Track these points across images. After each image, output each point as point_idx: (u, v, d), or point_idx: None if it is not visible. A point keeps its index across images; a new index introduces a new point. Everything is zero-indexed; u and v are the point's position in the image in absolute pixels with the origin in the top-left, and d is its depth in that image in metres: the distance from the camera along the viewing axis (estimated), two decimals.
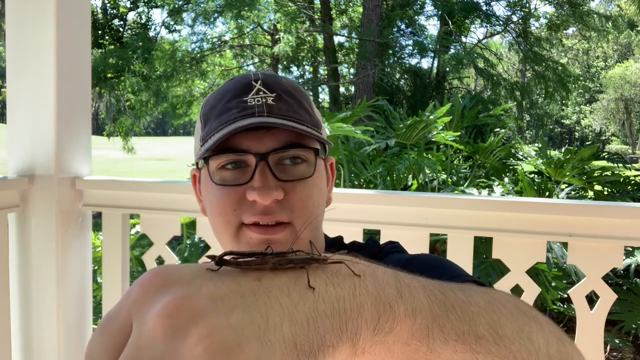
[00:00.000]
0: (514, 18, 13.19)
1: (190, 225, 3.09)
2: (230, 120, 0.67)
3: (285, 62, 12.69)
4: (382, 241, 0.94)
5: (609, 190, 3.82)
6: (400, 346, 0.40)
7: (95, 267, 2.70)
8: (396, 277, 0.42)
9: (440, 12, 12.43)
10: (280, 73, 13.59)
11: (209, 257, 0.38)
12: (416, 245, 1.36)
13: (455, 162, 4.49)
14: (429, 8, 13.32)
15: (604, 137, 32.50)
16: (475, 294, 0.48)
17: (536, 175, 4.15)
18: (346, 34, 14.32)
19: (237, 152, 0.67)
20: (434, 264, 0.71)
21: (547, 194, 3.32)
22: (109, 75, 11.93)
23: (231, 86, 0.71)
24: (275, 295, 0.34)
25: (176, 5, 12.79)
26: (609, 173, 3.67)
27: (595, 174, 3.64)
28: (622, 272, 3.60)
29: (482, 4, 12.36)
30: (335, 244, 0.80)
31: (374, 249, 0.78)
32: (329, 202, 0.78)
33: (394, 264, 0.71)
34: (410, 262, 0.71)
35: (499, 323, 0.46)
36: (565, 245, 2.82)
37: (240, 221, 0.68)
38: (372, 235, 0.86)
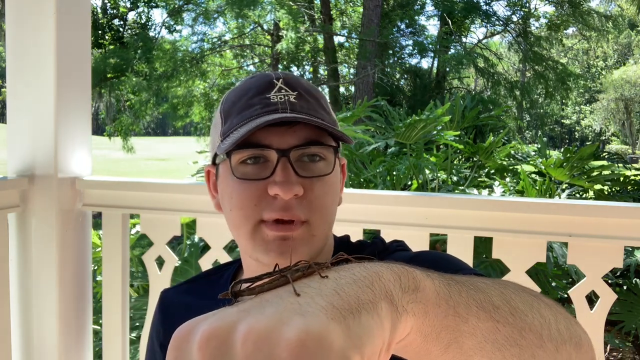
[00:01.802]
0: (514, 18, 13.19)
1: (191, 225, 3.09)
2: (254, 116, 0.68)
3: (285, 62, 12.69)
4: None
5: (610, 189, 3.82)
6: (432, 307, 0.40)
7: (95, 267, 2.70)
8: (401, 263, 0.43)
9: (440, 12, 12.44)
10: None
11: (222, 295, 0.40)
12: (416, 245, 1.35)
13: (455, 162, 4.49)
14: (429, 8, 13.32)
15: (604, 137, 32.49)
16: (479, 277, 0.50)
17: (537, 176, 4.15)
18: (346, 34, 14.32)
19: (260, 147, 0.68)
20: (439, 258, 0.73)
21: (549, 193, 3.32)
22: (109, 75, 11.93)
23: (253, 84, 0.72)
24: (298, 290, 0.35)
25: (176, 5, 12.79)
26: (607, 172, 3.67)
27: (595, 173, 3.64)
28: (622, 272, 3.60)
29: (482, 3, 12.36)
30: (342, 242, 0.81)
31: (380, 246, 0.79)
32: (339, 202, 0.79)
33: (399, 261, 0.73)
34: (414, 259, 0.72)
35: (510, 297, 0.47)
36: (565, 245, 2.82)
37: (260, 217, 0.68)
38: (377, 234, 0.87)
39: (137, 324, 2.53)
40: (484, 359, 0.44)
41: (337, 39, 13.44)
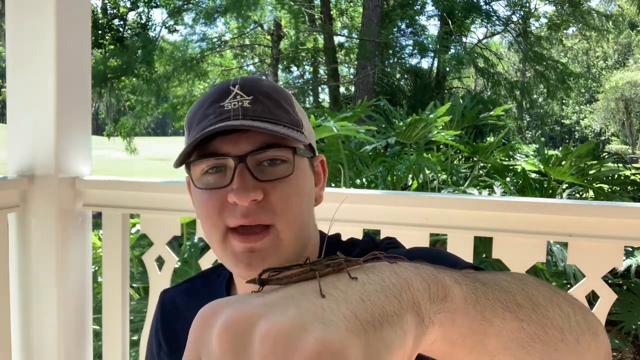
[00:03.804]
0: (514, 18, 13.19)
1: (191, 225, 3.09)
2: (207, 126, 0.68)
3: (285, 62, 12.69)
4: None
5: (610, 188, 3.81)
6: (460, 315, 0.40)
7: (96, 268, 2.69)
8: (431, 266, 0.43)
9: (440, 12, 12.44)
10: (280, 73, 13.58)
11: (249, 281, 0.40)
12: (416, 245, 1.35)
13: (455, 162, 4.49)
14: (430, 8, 13.32)
15: (604, 137, 32.50)
16: (498, 273, 0.50)
17: (538, 175, 4.15)
18: (346, 34, 14.32)
19: (217, 157, 0.68)
20: (433, 254, 0.73)
21: (549, 192, 3.32)
22: (109, 75, 11.93)
23: (211, 93, 0.73)
24: (323, 291, 0.35)
25: (176, 6, 12.79)
26: (605, 169, 3.67)
27: (593, 171, 3.64)
28: (622, 272, 3.60)
29: (482, 3, 12.36)
30: (331, 241, 0.80)
31: (370, 244, 0.79)
32: (319, 200, 0.79)
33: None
34: (408, 254, 0.72)
35: (531, 293, 0.47)
36: (565, 244, 2.82)
37: (226, 225, 0.69)
38: (368, 232, 0.87)
39: (138, 326, 2.52)
40: (509, 357, 0.44)
41: (337, 39, 13.44)
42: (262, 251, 0.68)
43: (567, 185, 3.70)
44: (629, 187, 3.82)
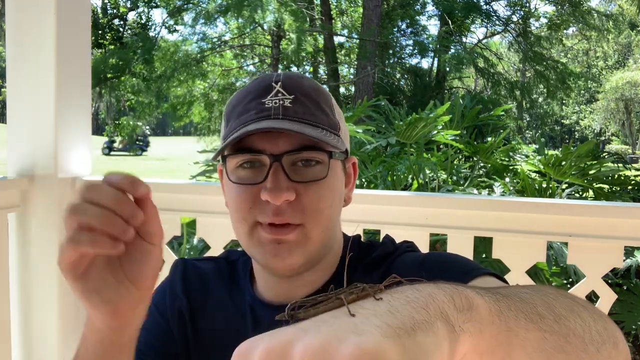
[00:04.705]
0: (514, 18, 13.20)
1: (191, 225, 3.08)
2: (248, 122, 0.69)
3: (285, 62, 12.69)
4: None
5: (610, 188, 3.81)
6: (487, 325, 0.41)
7: None
8: (451, 283, 0.44)
9: (440, 12, 12.44)
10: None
11: (278, 317, 0.41)
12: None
13: (455, 162, 4.48)
14: (430, 8, 13.32)
15: (604, 137, 32.49)
16: (518, 286, 0.51)
17: (538, 175, 4.15)
18: (346, 34, 14.32)
19: (253, 153, 0.69)
20: (449, 259, 0.74)
21: (549, 192, 3.32)
22: (109, 75, 11.93)
23: (253, 87, 0.73)
24: (352, 311, 0.36)
25: (176, 6, 12.79)
26: (605, 169, 3.67)
27: (593, 170, 3.64)
28: (622, 272, 3.60)
29: (482, 3, 12.36)
30: (353, 243, 0.81)
31: (390, 247, 0.79)
32: (347, 201, 0.80)
33: (409, 262, 0.74)
34: (426, 260, 0.74)
35: (552, 304, 0.48)
36: (565, 244, 2.82)
37: (255, 219, 0.70)
38: (387, 234, 0.87)
39: None
40: None
41: (337, 39, 13.44)
42: (290, 243, 0.69)
43: (567, 185, 3.70)
44: (629, 187, 3.82)
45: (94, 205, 0.55)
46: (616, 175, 3.76)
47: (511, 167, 4.16)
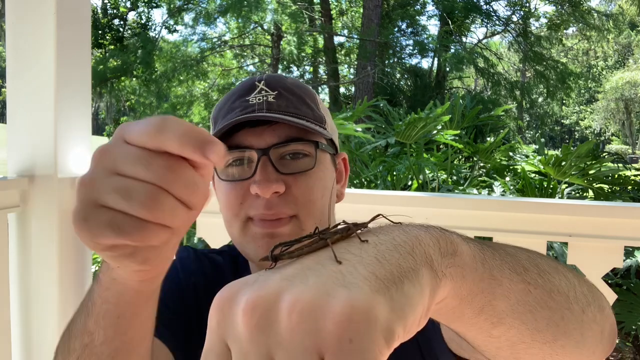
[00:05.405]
0: (514, 18, 13.19)
1: (191, 225, 3.08)
2: (233, 119, 0.70)
3: (285, 62, 12.69)
4: None
5: (610, 188, 3.81)
6: (469, 271, 0.41)
7: (96, 268, 2.70)
8: (437, 226, 0.44)
9: (440, 12, 12.44)
10: (280, 73, 13.57)
11: (262, 259, 0.40)
12: None
13: (455, 162, 4.48)
14: (430, 8, 13.32)
15: (604, 137, 32.48)
16: (508, 244, 0.51)
17: (537, 175, 4.15)
18: (346, 34, 14.32)
19: (240, 148, 0.70)
20: None
21: (549, 192, 3.32)
22: (109, 75, 11.93)
23: (237, 88, 0.75)
24: (339, 257, 0.35)
25: (176, 6, 12.79)
26: (604, 169, 3.67)
27: (593, 170, 3.64)
28: (622, 272, 3.60)
29: (482, 3, 12.36)
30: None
31: None
32: (340, 197, 0.80)
33: None
34: None
35: (537, 261, 0.49)
36: (565, 244, 2.82)
37: (247, 215, 0.70)
38: None
39: None
40: (516, 320, 0.44)
41: (337, 39, 13.44)
42: (283, 236, 0.69)
43: (567, 185, 3.70)
44: (629, 187, 3.82)
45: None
46: (616, 175, 3.76)
47: (511, 167, 4.16)
